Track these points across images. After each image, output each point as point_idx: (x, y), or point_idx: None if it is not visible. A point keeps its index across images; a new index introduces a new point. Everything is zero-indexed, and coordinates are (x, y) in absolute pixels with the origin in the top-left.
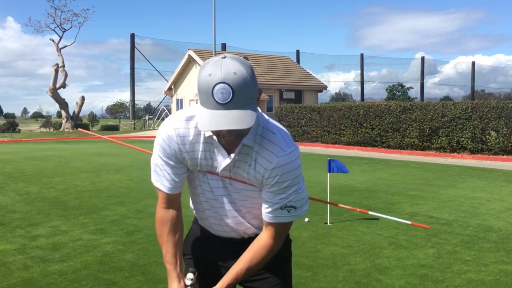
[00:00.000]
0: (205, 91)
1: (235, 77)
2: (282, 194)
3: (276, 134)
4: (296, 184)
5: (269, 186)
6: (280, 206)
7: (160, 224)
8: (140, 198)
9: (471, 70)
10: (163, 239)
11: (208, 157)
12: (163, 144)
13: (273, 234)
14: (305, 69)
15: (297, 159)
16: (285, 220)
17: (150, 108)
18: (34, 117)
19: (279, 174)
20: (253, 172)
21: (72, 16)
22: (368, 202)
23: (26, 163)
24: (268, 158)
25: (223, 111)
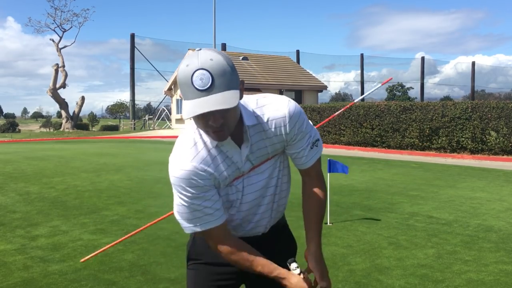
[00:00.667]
0: (185, 82)
1: (212, 62)
2: (306, 135)
3: (267, 97)
4: (308, 121)
5: (294, 136)
6: (310, 146)
7: (233, 255)
8: (140, 198)
9: (471, 70)
10: (248, 263)
11: (229, 164)
12: (189, 182)
13: (316, 174)
14: (305, 69)
15: (296, 103)
16: (319, 155)
17: (150, 108)
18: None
19: (296, 119)
20: (275, 139)
21: (72, 16)
22: (368, 202)
23: (26, 163)
24: (279, 115)
25: (205, 98)
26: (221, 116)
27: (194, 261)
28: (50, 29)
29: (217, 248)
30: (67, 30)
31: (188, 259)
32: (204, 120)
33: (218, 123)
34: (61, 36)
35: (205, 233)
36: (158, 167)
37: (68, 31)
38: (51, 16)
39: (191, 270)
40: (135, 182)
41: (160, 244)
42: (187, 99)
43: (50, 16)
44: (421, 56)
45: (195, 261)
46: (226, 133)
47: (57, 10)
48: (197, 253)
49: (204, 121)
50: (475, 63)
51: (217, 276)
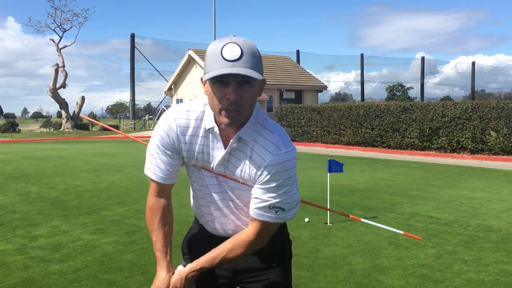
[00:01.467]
0: (213, 53)
1: (244, 42)
2: (272, 193)
3: (274, 133)
4: (288, 186)
5: (260, 183)
6: (268, 205)
7: (151, 211)
8: (140, 198)
9: (471, 70)
10: (153, 227)
11: (205, 152)
12: (162, 133)
13: (257, 231)
14: (305, 69)
15: (292, 160)
16: (270, 220)
17: (150, 108)
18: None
19: (272, 172)
20: (247, 169)
21: (72, 16)
22: (368, 202)
23: (26, 163)
24: (262, 155)
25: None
26: (239, 93)
27: (187, 255)
28: (50, 29)
29: (148, 198)
30: (67, 30)
31: (182, 253)
32: (222, 92)
33: (234, 98)
34: (61, 36)
35: (149, 180)
36: None
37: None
38: (51, 16)
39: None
40: (135, 182)
41: None
42: (212, 69)
43: (50, 16)
44: (421, 56)
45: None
46: (238, 118)
47: (57, 10)
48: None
49: (222, 94)
50: (475, 63)
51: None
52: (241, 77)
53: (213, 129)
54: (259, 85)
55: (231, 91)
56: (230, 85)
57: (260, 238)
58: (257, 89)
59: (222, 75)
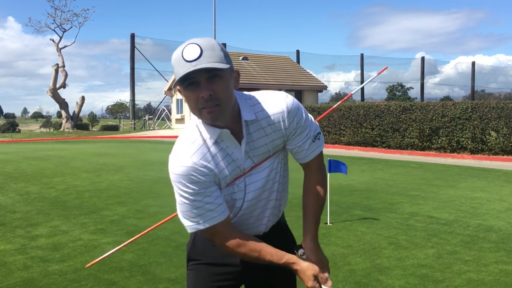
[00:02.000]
0: (176, 60)
1: (202, 40)
2: (306, 129)
3: (264, 94)
4: (307, 114)
5: (293, 131)
6: (312, 139)
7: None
8: (140, 198)
9: (471, 70)
10: (256, 253)
11: (229, 161)
12: (190, 179)
13: (317, 168)
14: (305, 69)
15: (294, 98)
16: (321, 149)
17: (150, 108)
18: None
19: (295, 114)
20: (275, 135)
21: (72, 16)
22: (368, 202)
23: (26, 163)
24: (277, 111)
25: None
26: (211, 88)
27: (194, 261)
28: (50, 29)
29: (224, 243)
30: (67, 30)
31: (188, 259)
32: (195, 94)
33: (207, 94)
34: (61, 36)
35: (210, 231)
36: (158, 167)
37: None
38: (51, 16)
39: (191, 270)
40: (135, 182)
41: (160, 244)
42: (178, 75)
43: (50, 16)
44: (421, 56)
45: (195, 261)
46: (219, 111)
47: (57, 10)
48: (197, 254)
49: (196, 95)
50: (475, 63)
51: (217, 277)
52: (205, 71)
53: (221, 136)
54: (231, 75)
55: (202, 89)
56: (200, 84)
57: (323, 170)
58: (230, 80)
59: (186, 75)
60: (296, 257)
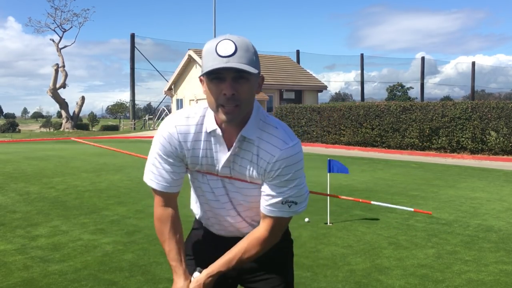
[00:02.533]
0: (208, 51)
1: (238, 38)
2: (283, 188)
3: (278, 128)
4: (298, 178)
5: (270, 179)
6: (281, 201)
7: (160, 222)
8: (140, 198)
9: (471, 70)
10: (164, 237)
11: (208, 155)
12: (164, 141)
13: (270, 228)
14: (305, 69)
15: (299, 153)
16: (284, 215)
17: (150, 108)
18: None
19: (282, 166)
20: (255, 167)
21: (72, 16)
22: None
23: (26, 163)
24: (270, 151)
25: (225, 60)
26: (235, 88)
27: (188, 256)
28: (50, 29)
29: (155, 209)
30: (67, 30)
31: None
32: (218, 88)
33: (230, 93)
34: (61, 36)
35: (153, 191)
36: None
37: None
38: (51, 16)
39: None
40: (135, 182)
41: (160, 244)
42: (207, 67)
43: (50, 16)
44: (421, 56)
45: (189, 256)
46: (237, 113)
47: (57, 10)
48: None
49: (218, 90)
50: (475, 63)
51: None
52: (235, 71)
53: (214, 132)
54: (256, 80)
55: (227, 86)
56: (226, 81)
57: (274, 234)
58: (254, 84)
59: (216, 70)
60: (183, 270)
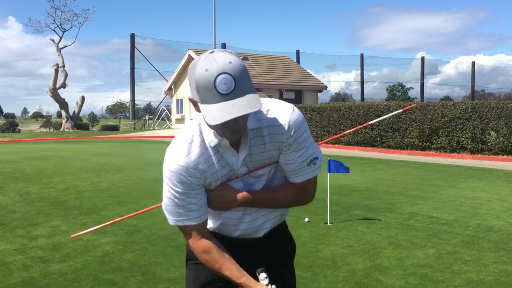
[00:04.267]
0: (206, 87)
1: (231, 66)
2: (302, 149)
3: (272, 102)
4: (309, 136)
5: (288, 147)
6: (306, 162)
7: (207, 254)
8: (140, 198)
9: (471, 70)
10: (219, 264)
11: (223, 165)
12: (180, 178)
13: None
14: (305, 69)
15: (300, 114)
16: (313, 174)
17: (150, 108)
18: (34, 117)
19: (295, 130)
20: (272, 146)
21: (72, 16)
22: (368, 202)
23: (26, 163)
24: (279, 123)
25: (230, 101)
26: (244, 118)
27: (193, 261)
28: (50, 29)
29: (193, 245)
30: (67, 30)
31: (187, 259)
32: (225, 123)
33: (240, 125)
34: (61, 36)
35: (184, 229)
36: (158, 167)
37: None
38: (51, 16)
39: (190, 270)
40: (135, 182)
41: (160, 244)
42: (208, 103)
43: (50, 16)
44: (421, 56)
45: (194, 261)
46: (242, 131)
47: (57, 10)
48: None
49: (225, 124)
50: (475, 63)
51: (215, 276)
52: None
53: (220, 143)
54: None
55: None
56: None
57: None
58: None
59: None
60: (254, 281)
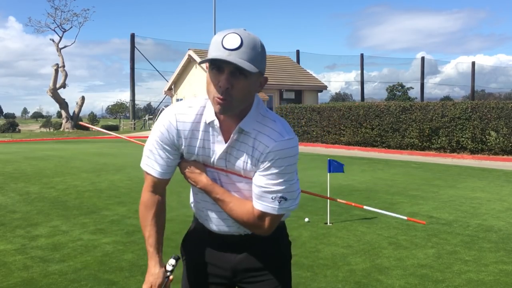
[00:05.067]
0: (215, 41)
1: (248, 34)
2: (273, 181)
3: (276, 122)
4: (289, 173)
5: (262, 170)
6: (270, 194)
7: (145, 207)
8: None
9: (471, 70)
10: (147, 222)
11: (205, 146)
12: (162, 129)
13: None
14: (305, 69)
15: (294, 148)
16: (274, 212)
17: (150, 108)
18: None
19: (275, 158)
20: (250, 159)
21: (72, 16)
22: (368, 202)
23: (26, 163)
24: (265, 142)
25: (227, 53)
26: (231, 82)
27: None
28: (50, 29)
29: (143, 193)
30: (67, 30)
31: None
32: (216, 79)
33: (225, 86)
34: (61, 36)
35: (145, 175)
36: None
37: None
38: (51, 16)
39: (184, 268)
40: (135, 182)
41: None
42: (209, 55)
43: (50, 16)
44: (421, 56)
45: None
46: (228, 106)
47: (57, 10)
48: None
49: (216, 81)
50: (475, 63)
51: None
52: (233, 65)
53: (213, 123)
54: (257, 79)
55: (223, 79)
56: (224, 73)
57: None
58: (254, 83)
59: (213, 60)
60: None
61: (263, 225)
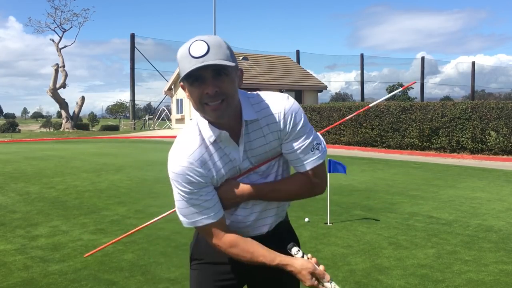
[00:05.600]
0: (182, 55)
1: (209, 37)
2: (303, 136)
3: (266, 94)
4: (308, 123)
5: (288, 135)
6: (309, 147)
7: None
8: (140, 198)
9: (471, 70)
10: (248, 254)
11: (226, 161)
12: (186, 178)
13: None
14: (305, 69)
15: (295, 102)
16: (321, 160)
17: (150, 108)
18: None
19: (292, 116)
20: (271, 136)
21: (72, 16)
22: (368, 202)
23: (26, 163)
24: (276, 111)
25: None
26: (217, 85)
27: (197, 261)
28: (50, 29)
29: (217, 243)
30: (67, 30)
31: (191, 259)
32: (200, 89)
33: (214, 90)
34: (61, 36)
35: (204, 229)
36: (158, 167)
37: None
38: (51, 16)
39: (194, 270)
40: (135, 182)
41: (160, 244)
42: (184, 71)
43: (50, 16)
44: (421, 56)
45: (198, 261)
46: (224, 108)
47: (57, 10)
48: (200, 253)
49: (201, 91)
50: (475, 63)
51: (220, 276)
52: (213, 68)
53: (219, 137)
54: (236, 74)
55: (208, 85)
56: (206, 80)
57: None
58: (235, 78)
59: (193, 71)
60: (289, 258)
61: (320, 181)
